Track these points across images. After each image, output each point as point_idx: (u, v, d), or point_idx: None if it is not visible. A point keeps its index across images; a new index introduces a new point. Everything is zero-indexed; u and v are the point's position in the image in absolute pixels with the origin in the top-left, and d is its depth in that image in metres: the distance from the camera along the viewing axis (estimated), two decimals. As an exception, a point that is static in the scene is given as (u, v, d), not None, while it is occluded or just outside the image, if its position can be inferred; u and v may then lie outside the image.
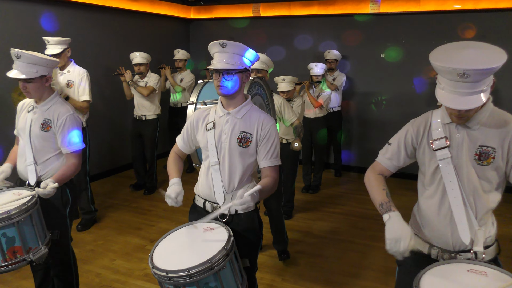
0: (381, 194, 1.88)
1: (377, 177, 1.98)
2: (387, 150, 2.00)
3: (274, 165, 2.21)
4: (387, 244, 1.70)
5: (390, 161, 1.98)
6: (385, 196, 1.87)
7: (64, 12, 5.45)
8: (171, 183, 2.21)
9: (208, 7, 7.63)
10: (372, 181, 1.98)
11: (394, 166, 1.99)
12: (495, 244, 1.85)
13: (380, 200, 1.85)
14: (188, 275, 1.76)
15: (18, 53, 2.46)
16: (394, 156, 1.96)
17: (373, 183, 1.96)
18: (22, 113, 2.75)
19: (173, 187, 2.15)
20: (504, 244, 1.98)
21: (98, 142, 6.02)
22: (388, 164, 1.99)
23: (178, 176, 2.27)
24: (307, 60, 6.16)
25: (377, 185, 1.94)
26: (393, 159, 1.97)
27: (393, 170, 2.01)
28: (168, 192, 2.12)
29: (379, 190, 1.91)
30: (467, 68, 1.50)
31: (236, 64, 2.10)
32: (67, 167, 2.64)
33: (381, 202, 1.83)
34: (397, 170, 2.02)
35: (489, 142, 1.73)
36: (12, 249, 2.28)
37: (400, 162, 1.97)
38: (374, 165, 2.04)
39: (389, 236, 1.69)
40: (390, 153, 1.98)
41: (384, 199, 1.84)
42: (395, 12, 6.15)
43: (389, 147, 1.99)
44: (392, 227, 1.71)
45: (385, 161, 1.99)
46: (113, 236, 4.39)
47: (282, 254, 3.86)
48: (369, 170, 2.05)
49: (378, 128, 6.51)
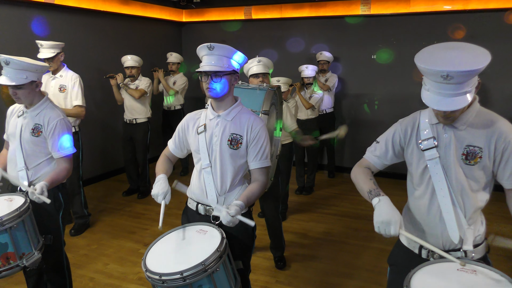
0: (368, 183, 1.89)
1: (363, 170, 2.00)
2: (375, 148, 2.01)
3: (264, 166, 2.22)
4: (376, 227, 1.71)
5: (378, 159, 2.00)
6: (373, 184, 1.88)
7: (56, 16, 5.43)
8: (157, 179, 2.22)
9: (200, 10, 7.64)
10: (358, 173, 1.99)
11: (381, 164, 2.01)
12: (484, 242, 1.87)
13: (367, 188, 1.86)
14: (182, 278, 1.77)
15: (7, 59, 2.44)
16: (382, 154, 1.98)
17: (360, 175, 1.97)
18: (12, 118, 2.74)
19: (159, 184, 2.17)
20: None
21: (91, 146, 6.01)
22: (376, 161, 2.01)
23: (164, 173, 2.28)
24: (299, 62, 6.18)
25: (364, 176, 1.95)
26: (381, 157, 1.99)
27: (380, 168, 2.03)
28: (154, 191, 2.15)
29: (366, 180, 1.92)
30: (451, 70, 1.52)
31: (224, 66, 2.11)
32: (59, 171, 2.63)
33: (369, 189, 1.85)
34: (384, 168, 2.04)
35: (476, 142, 1.75)
36: (5, 255, 2.28)
37: (387, 160, 1.99)
38: (361, 162, 2.06)
39: (379, 219, 1.70)
40: (378, 151, 1.99)
41: (372, 186, 1.86)
42: (386, 13, 6.20)
43: (377, 145, 2.01)
44: (381, 210, 1.71)
45: (372, 158, 2.01)
46: (106, 240, 4.38)
47: (279, 262, 3.83)
48: (355, 166, 2.06)
49: (370, 129, 6.54)
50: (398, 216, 1.69)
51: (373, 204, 1.77)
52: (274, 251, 3.89)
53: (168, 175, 2.30)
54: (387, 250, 1.98)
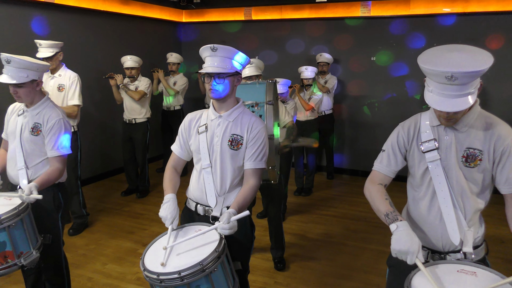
0: (384, 204, 1.85)
1: (378, 188, 1.94)
2: (383, 157, 1.98)
3: (258, 167, 2.21)
4: (393, 254, 1.69)
5: (388, 168, 1.96)
6: (389, 205, 1.84)
7: (55, 16, 5.43)
8: (166, 199, 2.14)
9: (200, 11, 7.64)
10: (373, 192, 1.93)
11: (392, 172, 1.96)
12: (483, 244, 1.88)
13: (384, 210, 1.82)
14: (180, 278, 1.76)
15: (8, 58, 2.44)
16: (391, 161, 1.95)
17: (375, 194, 1.92)
18: (12, 116, 2.73)
19: (167, 206, 2.10)
20: (493, 246, 2.01)
21: (90, 146, 6.00)
22: (387, 171, 1.96)
23: (173, 191, 2.20)
24: (299, 64, 6.19)
25: (379, 195, 1.90)
26: (390, 165, 1.95)
27: (392, 176, 1.98)
28: (162, 213, 2.08)
29: (381, 200, 1.87)
30: (455, 71, 1.52)
31: (227, 68, 2.11)
32: (51, 171, 2.59)
33: (386, 212, 1.81)
34: (395, 175, 1.99)
35: (476, 144, 1.76)
36: (3, 254, 2.27)
37: (397, 166, 1.95)
38: (372, 176, 2.00)
39: (397, 247, 1.66)
40: (386, 159, 1.96)
41: (389, 208, 1.82)
42: (386, 15, 6.21)
43: (383, 154, 1.98)
44: (400, 238, 1.67)
45: (383, 168, 1.97)
46: (105, 240, 4.37)
47: (279, 263, 3.82)
48: (368, 182, 2.00)
49: (369, 131, 6.55)
50: (416, 246, 1.65)
51: (391, 229, 1.74)
52: (275, 252, 3.88)
53: (176, 191, 2.23)
54: (386, 251, 1.98)
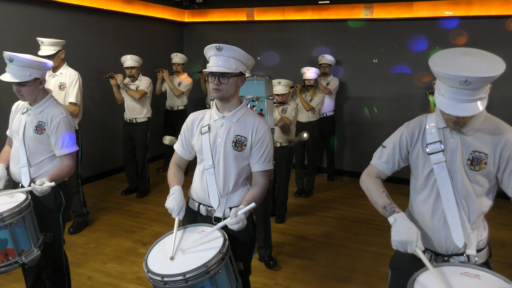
0: (382, 197, 1.88)
1: (374, 181, 1.97)
2: (382, 153, 1.99)
3: (266, 169, 2.22)
4: (394, 246, 1.72)
5: (386, 165, 1.98)
6: (386, 198, 1.87)
7: (58, 14, 5.42)
8: (172, 191, 2.15)
9: (202, 11, 7.64)
10: (370, 185, 1.96)
11: (390, 169, 1.99)
12: (486, 247, 1.87)
13: (382, 202, 1.85)
14: (184, 279, 1.76)
15: (10, 56, 2.43)
16: (390, 159, 1.96)
17: (372, 187, 1.95)
18: (17, 114, 2.73)
19: (174, 197, 2.10)
20: (494, 250, 2.00)
21: (90, 144, 5.99)
22: (385, 168, 1.99)
23: (179, 184, 2.22)
24: (301, 65, 6.19)
25: (376, 188, 1.93)
26: (389, 162, 1.97)
27: (389, 173, 2.01)
28: (169, 204, 2.08)
29: (379, 193, 1.90)
30: (470, 76, 1.51)
31: (232, 68, 2.10)
32: (62, 167, 2.62)
33: (384, 204, 1.84)
34: (392, 173, 2.02)
35: (482, 148, 1.75)
36: (4, 251, 2.26)
37: (395, 165, 1.97)
38: (369, 169, 2.03)
39: (396, 238, 1.70)
40: (385, 156, 1.97)
41: (386, 201, 1.85)
42: (388, 18, 6.21)
43: (383, 150, 1.99)
44: (398, 229, 1.71)
45: (381, 164, 1.99)
46: (105, 239, 4.37)
47: (270, 261, 3.85)
48: (364, 175, 2.03)
49: (371, 133, 6.55)
50: (414, 234, 1.69)
51: (390, 222, 1.77)
52: (264, 250, 3.91)
53: (181, 184, 2.24)
54: (386, 254, 1.98)
